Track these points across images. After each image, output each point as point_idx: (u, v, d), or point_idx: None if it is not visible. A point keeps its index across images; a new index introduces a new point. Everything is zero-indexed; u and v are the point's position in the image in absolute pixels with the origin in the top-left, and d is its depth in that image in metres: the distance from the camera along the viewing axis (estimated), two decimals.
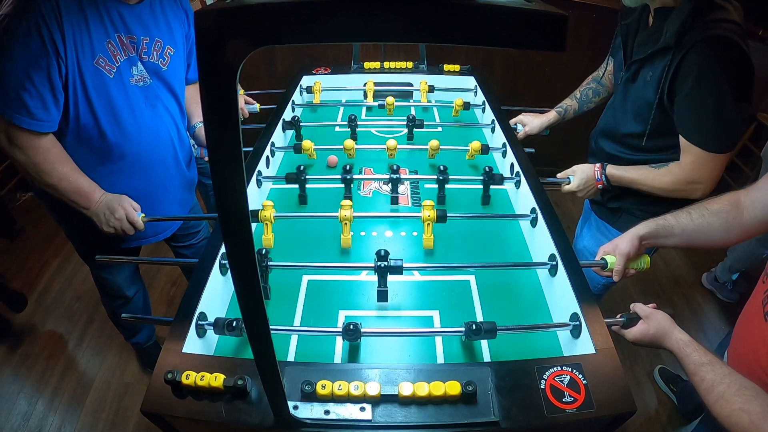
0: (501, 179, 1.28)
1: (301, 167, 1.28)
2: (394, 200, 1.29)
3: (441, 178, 1.28)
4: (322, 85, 1.80)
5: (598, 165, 1.31)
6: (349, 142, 1.41)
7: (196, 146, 1.83)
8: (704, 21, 1.03)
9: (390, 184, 1.29)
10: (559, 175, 1.37)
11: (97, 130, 1.18)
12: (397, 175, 1.26)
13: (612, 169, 1.28)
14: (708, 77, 1.03)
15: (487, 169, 1.27)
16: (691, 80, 1.05)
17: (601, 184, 1.30)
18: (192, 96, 1.53)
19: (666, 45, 1.08)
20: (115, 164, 1.25)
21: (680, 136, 1.13)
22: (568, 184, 1.35)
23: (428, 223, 1.12)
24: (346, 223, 1.12)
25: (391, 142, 1.42)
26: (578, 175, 1.34)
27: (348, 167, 1.29)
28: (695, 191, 1.16)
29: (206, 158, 1.66)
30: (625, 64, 1.26)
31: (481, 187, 1.30)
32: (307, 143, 1.41)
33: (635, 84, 1.21)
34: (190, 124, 1.54)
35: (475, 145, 1.41)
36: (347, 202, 1.12)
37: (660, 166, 1.21)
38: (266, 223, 1.12)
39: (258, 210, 1.12)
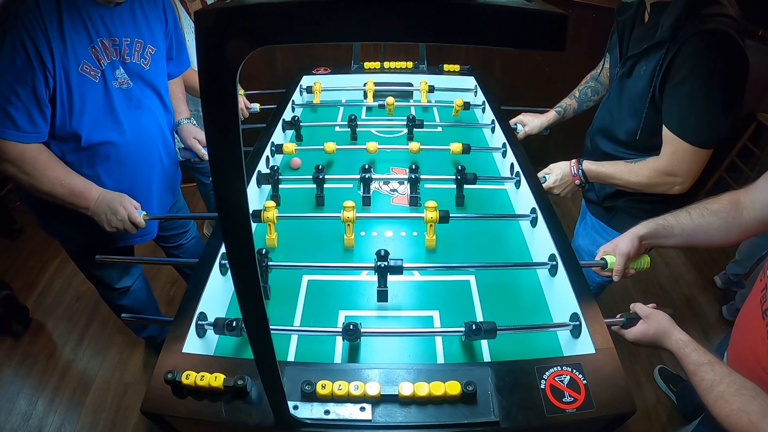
0: (474, 179, 1.27)
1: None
2: (366, 201, 1.30)
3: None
4: (322, 85, 1.80)
5: (574, 161, 1.30)
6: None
7: (180, 148, 1.82)
8: (700, 15, 1.03)
9: (362, 185, 1.30)
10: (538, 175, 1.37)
11: (83, 136, 1.18)
12: (369, 174, 1.28)
13: (588, 164, 1.28)
14: (700, 70, 1.03)
15: (459, 167, 1.27)
16: (683, 72, 1.04)
17: (578, 180, 1.30)
18: (174, 92, 1.52)
19: (661, 39, 1.07)
20: (101, 166, 1.25)
21: (663, 127, 1.12)
22: (544, 182, 1.34)
23: (431, 224, 1.12)
24: (348, 224, 1.12)
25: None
26: (554, 172, 1.34)
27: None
28: (672, 185, 1.15)
29: (193, 159, 1.65)
30: (621, 59, 1.26)
31: (455, 186, 1.30)
32: (288, 146, 1.42)
33: (630, 79, 1.21)
34: (174, 121, 1.54)
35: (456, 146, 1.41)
36: (350, 203, 1.12)
37: (637, 160, 1.20)
38: (269, 224, 1.12)
39: (260, 210, 1.12)
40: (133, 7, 1.21)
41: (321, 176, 1.27)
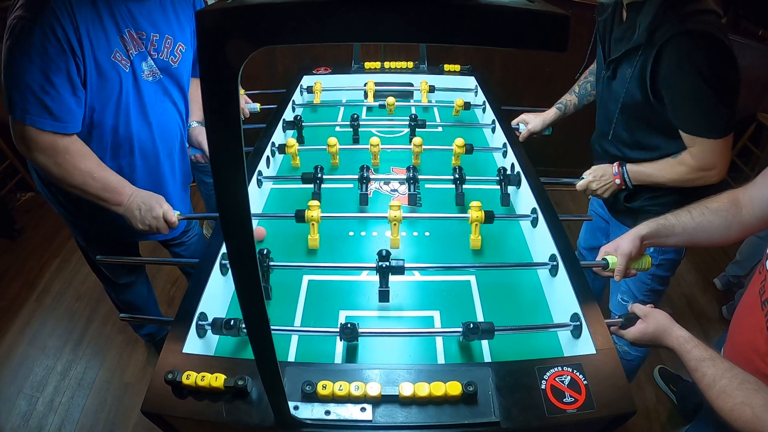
0: (518, 181, 1.28)
1: (320, 167, 1.29)
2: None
3: (457, 177, 1.28)
4: (322, 85, 1.80)
5: (617, 162, 1.29)
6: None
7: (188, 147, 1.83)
8: (677, 15, 1.01)
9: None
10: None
11: (110, 126, 1.17)
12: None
13: (631, 166, 1.27)
14: (686, 73, 1.02)
15: (502, 170, 1.28)
16: (672, 80, 1.05)
17: (619, 179, 1.28)
18: (192, 93, 1.53)
19: (637, 43, 1.06)
20: (125, 159, 1.25)
21: (682, 133, 1.13)
22: (581, 179, 1.33)
23: (476, 224, 1.11)
24: (395, 224, 1.11)
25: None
26: (594, 171, 1.33)
27: (366, 167, 1.28)
28: (710, 177, 1.15)
29: (202, 160, 1.66)
30: (605, 62, 1.25)
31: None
32: (290, 141, 1.41)
33: (615, 81, 1.20)
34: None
35: (459, 142, 1.40)
36: (395, 203, 1.11)
37: (674, 157, 1.20)
38: (312, 224, 1.12)
39: (304, 210, 1.12)
40: (164, 3, 1.20)
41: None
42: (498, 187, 1.30)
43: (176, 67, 1.26)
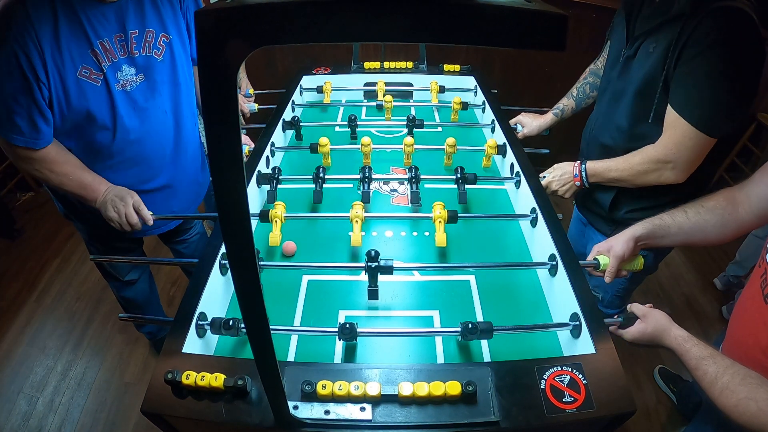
0: (474, 179, 1.27)
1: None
2: (365, 197, 1.27)
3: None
4: (324, 86, 1.80)
5: (578, 161, 1.28)
6: (366, 139, 1.39)
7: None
8: None
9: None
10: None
11: (84, 138, 1.21)
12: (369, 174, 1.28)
13: (590, 163, 1.25)
14: (717, 50, 0.97)
15: (459, 169, 1.28)
16: (699, 47, 0.98)
17: (578, 181, 1.27)
18: None
19: (679, 12, 1.01)
20: (105, 162, 1.26)
21: (668, 107, 1.06)
22: (542, 179, 1.32)
23: (440, 221, 1.11)
24: (357, 222, 1.11)
25: (408, 140, 1.41)
26: (555, 171, 1.32)
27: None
28: (666, 172, 1.09)
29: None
30: (628, 41, 1.19)
31: (455, 187, 1.30)
32: (323, 140, 1.40)
33: (635, 60, 1.14)
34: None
35: (492, 143, 1.40)
36: (358, 202, 1.12)
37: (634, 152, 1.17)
38: (275, 221, 1.11)
39: (268, 210, 1.12)
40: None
41: (321, 175, 1.28)
42: (455, 186, 1.30)
43: (161, 60, 1.25)
